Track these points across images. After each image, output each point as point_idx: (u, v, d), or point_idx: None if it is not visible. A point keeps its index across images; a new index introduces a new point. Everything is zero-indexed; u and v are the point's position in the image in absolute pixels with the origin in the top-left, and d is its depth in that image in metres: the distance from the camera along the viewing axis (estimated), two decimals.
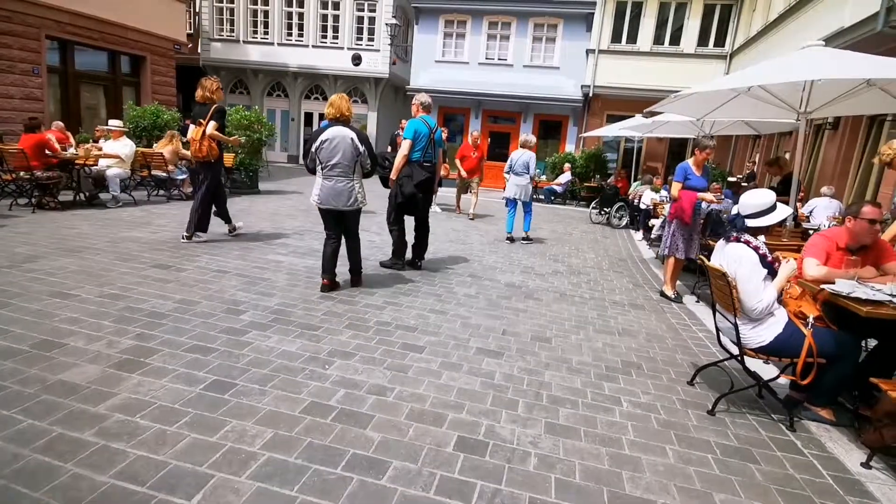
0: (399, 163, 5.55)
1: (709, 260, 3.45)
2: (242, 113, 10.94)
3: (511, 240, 8.56)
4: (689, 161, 5.83)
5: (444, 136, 9.91)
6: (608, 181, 15.92)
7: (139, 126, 11.13)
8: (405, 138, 5.54)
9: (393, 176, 5.62)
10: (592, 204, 12.22)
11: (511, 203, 8.60)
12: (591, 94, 16.29)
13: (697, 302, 5.89)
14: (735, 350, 3.30)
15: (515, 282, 5.97)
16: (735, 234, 3.24)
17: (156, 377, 2.91)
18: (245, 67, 21.13)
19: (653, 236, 8.60)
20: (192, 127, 6.09)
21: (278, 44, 20.71)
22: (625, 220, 11.76)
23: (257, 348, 3.43)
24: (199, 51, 21.26)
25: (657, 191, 10.29)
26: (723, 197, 7.44)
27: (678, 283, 6.16)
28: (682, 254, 5.83)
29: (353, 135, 4.54)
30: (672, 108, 7.59)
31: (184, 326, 3.65)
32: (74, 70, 13.13)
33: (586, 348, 4.09)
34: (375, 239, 7.54)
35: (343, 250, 4.96)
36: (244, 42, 20.92)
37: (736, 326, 3.13)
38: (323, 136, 4.49)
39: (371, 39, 20.27)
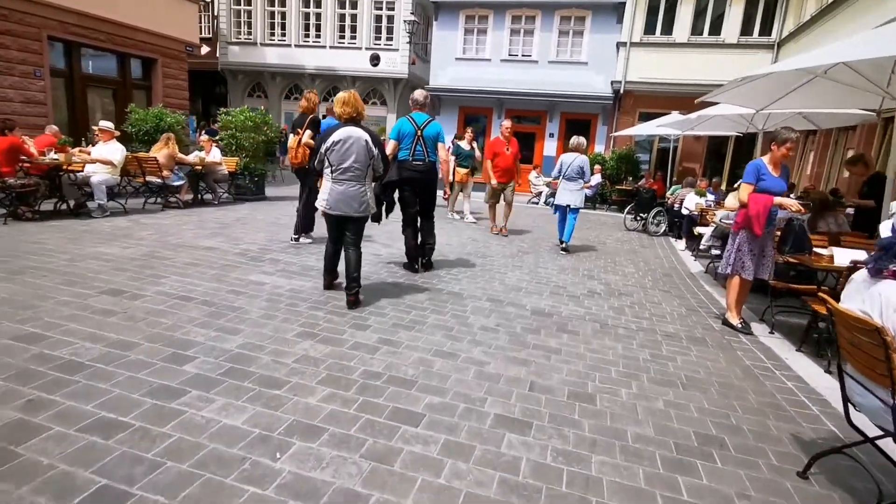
0: None
1: (834, 297, 2.33)
2: (248, 114, 10.10)
3: (566, 250, 7.85)
4: (764, 158, 4.65)
5: (469, 141, 9.11)
6: (640, 183, 14.68)
7: (141, 130, 10.39)
8: (389, 139, 5.35)
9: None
10: (627, 209, 11.00)
11: (560, 210, 7.91)
12: (622, 91, 15.04)
13: (772, 333, 4.70)
14: (875, 431, 2.19)
15: (544, 307, 4.89)
16: (894, 267, 2.11)
17: (15, 483, 1.95)
18: (263, 70, 20.51)
19: (702, 247, 7.38)
20: (291, 136, 6.37)
21: (295, 45, 20.03)
22: (663, 227, 10.52)
23: (187, 423, 2.44)
24: (217, 55, 20.75)
25: (702, 194, 9.04)
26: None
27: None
28: (751, 273, 4.65)
29: (368, 136, 4.15)
30: (730, 96, 6.43)
31: (100, 386, 2.69)
32: (81, 73, 12.54)
33: (644, 412, 2.99)
34: (382, 252, 6.55)
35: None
36: (261, 45, 20.30)
37: (895, 410, 2.00)
38: (335, 137, 4.08)
39: (390, 39, 19.40)
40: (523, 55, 16.33)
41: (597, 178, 14.49)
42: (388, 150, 5.12)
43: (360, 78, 19.91)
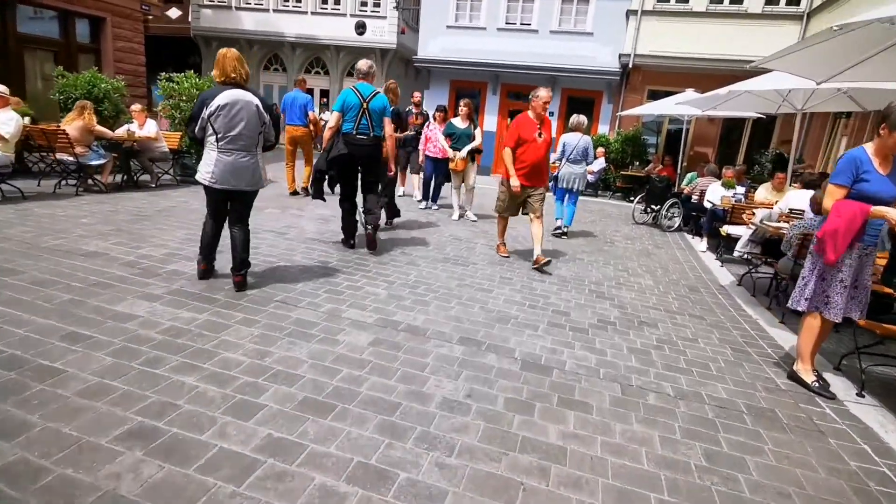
0: (326, 135, 5.02)
1: None
2: (194, 80, 8.45)
3: (564, 234, 7.41)
4: (867, 147, 3.12)
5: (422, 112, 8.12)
6: (648, 168, 13.13)
7: (70, 98, 8.73)
8: (333, 110, 5.04)
9: (323, 147, 5.07)
10: (636, 199, 9.48)
11: (560, 192, 7.42)
12: (630, 65, 13.37)
13: (861, 395, 3.26)
14: None
15: (540, 353, 3.41)
16: None
17: None
18: (238, 37, 18.57)
19: (736, 254, 5.89)
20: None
21: (273, 10, 18.13)
22: (677, 222, 9.03)
23: None
24: (189, 19, 18.83)
25: (730, 186, 7.52)
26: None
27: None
28: (839, 312, 3.20)
29: (258, 101, 3.68)
30: (790, 62, 4.87)
31: None
32: (16, 33, 10.80)
33: None
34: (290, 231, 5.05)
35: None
36: (236, 8, 18.38)
37: None
38: (220, 100, 3.53)
39: (377, 5, 17.53)
40: (522, 24, 14.57)
41: (600, 163, 12.92)
42: (332, 122, 4.93)
43: (344, 48, 18.08)
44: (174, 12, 19.37)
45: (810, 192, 6.46)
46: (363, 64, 5.11)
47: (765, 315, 4.79)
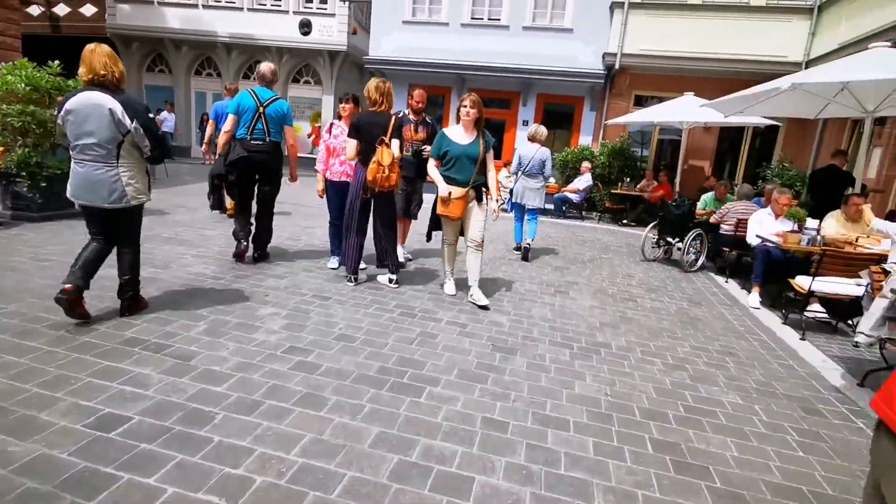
0: (221, 140, 4.62)
1: None
2: (29, 71, 5.73)
3: (520, 249, 6.65)
4: None
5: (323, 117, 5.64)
6: (640, 186, 10.99)
7: None
8: (228, 112, 4.64)
9: (218, 152, 4.74)
10: (648, 229, 7.19)
11: (518, 210, 6.71)
12: (616, 66, 11.24)
13: None
14: None
15: None
16: None
17: None
18: (163, 37, 15.74)
19: (862, 339, 3.53)
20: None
21: (203, 6, 15.38)
22: (702, 259, 6.79)
23: None
24: (105, 17, 15.87)
25: (796, 217, 5.30)
26: None
27: None
28: None
29: (115, 103, 3.01)
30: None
31: None
32: None
33: None
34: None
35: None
36: (159, 3, 15.51)
37: None
38: (69, 104, 3.03)
39: (323, 1, 15.02)
40: (490, 19, 12.30)
41: (586, 180, 10.70)
42: (227, 125, 4.57)
43: (288, 49, 15.47)
44: (89, 9, 16.33)
45: None
46: (266, 68, 4.74)
47: None
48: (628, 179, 11.20)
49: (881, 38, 6.82)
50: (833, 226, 5.30)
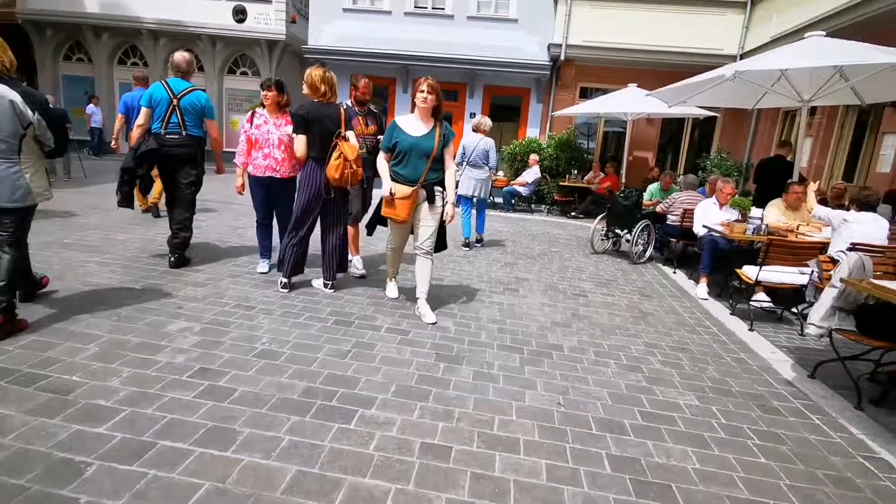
0: (134, 133, 4.35)
1: None
2: None
3: (468, 245, 6.48)
4: None
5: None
6: (587, 178, 10.97)
7: None
8: (141, 105, 4.31)
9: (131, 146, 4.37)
10: (597, 220, 7.06)
11: (466, 202, 6.45)
12: (562, 58, 11.14)
13: None
14: None
15: None
16: None
17: None
18: (81, 23, 14.37)
19: (813, 331, 3.42)
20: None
21: None
22: (650, 250, 6.73)
23: None
24: (15, 1, 14.32)
25: (741, 206, 5.26)
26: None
27: None
28: None
29: (14, 95, 2.81)
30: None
31: None
32: None
33: None
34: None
35: None
36: None
37: None
38: None
39: None
40: (434, 7, 11.92)
41: (534, 172, 10.55)
42: (140, 119, 4.26)
43: (220, 38, 14.49)
44: None
45: (873, 215, 4.29)
46: (180, 58, 4.44)
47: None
48: (576, 171, 11.15)
49: (810, 31, 6.97)
50: (774, 214, 5.30)
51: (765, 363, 3.62)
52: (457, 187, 6.57)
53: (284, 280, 4.08)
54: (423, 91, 3.55)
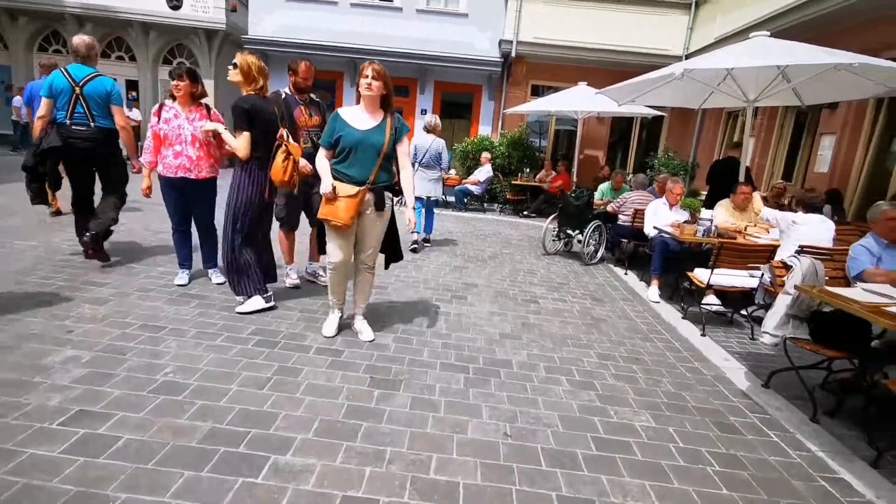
0: (36, 125, 4.01)
1: None
2: None
3: (427, 241, 6.41)
4: None
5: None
6: (539, 177, 10.84)
7: None
8: (41, 95, 4.04)
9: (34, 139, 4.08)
10: (549, 220, 6.86)
11: (419, 202, 6.14)
12: (513, 54, 10.94)
13: None
14: None
15: None
16: None
17: None
18: None
19: (766, 339, 3.27)
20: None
21: None
22: (601, 251, 6.59)
23: None
24: None
25: (692, 208, 5.16)
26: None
27: None
28: None
29: None
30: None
31: None
32: None
33: None
34: None
35: None
36: None
37: None
38: None
39: None
40: (382, 0, 11.45)
41: (486, 171, 10.31)
42: (41, 110, 3.95)
43: (154, 25, 13.46)
44: None
45: (819, 217, 4.24)
46: (79, 42, 4.07)
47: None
48: (528, 170, 11.00)
49: (754, 31, 7.02)
50: (723, 215, 5.23)
51: (719, 372, 3.47)
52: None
53: (242, 299, 3.58)
54: (367, 77, 2.99)
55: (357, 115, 3.11)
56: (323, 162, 3.12)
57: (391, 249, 3.48)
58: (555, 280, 5.49)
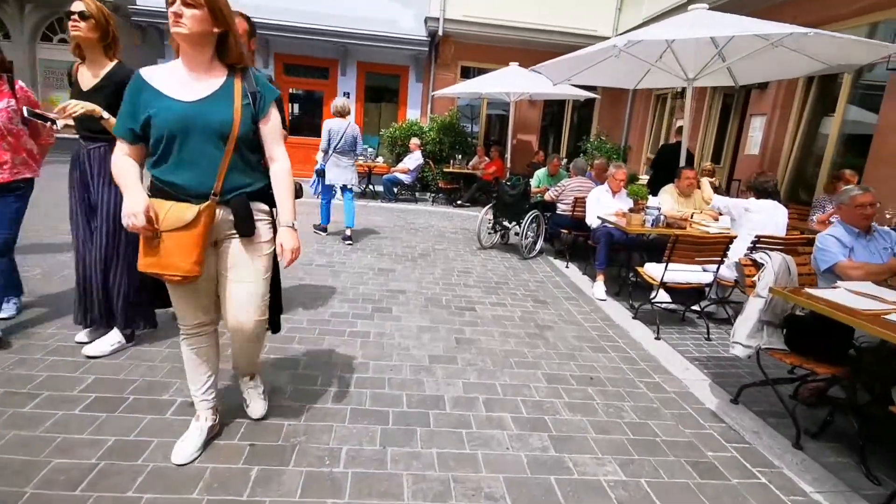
0: None
1: None
2: None
3: (324, 230, 5.97)
4: None
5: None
6: (472, 163, 10.21)
7: None
8: None
9: None
10: (484, 211, 6.21)
11: (327, 190, 5.80)
12: (440, 33, 10.15)
13: None
14: None
15: None
16: None
17: None
18: None
19: (742, 350, 2.78)
20: None
21: None
22: (540, 243, 6.05)
23: None
24: None
25: (639, 195, 4.67)
26: None
27: None
28: None
29: None
30: None
31: None
32: None
33: None
34: None
35: None
36: None
37: None
38: None
39: None
40: None
41: (416, 158, 9.52)
42: None
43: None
44: None
45: (773, 203, 3.85)
46: None
47: None
48: (460, 157, 10.31)
49: (680, 12, 6.68)
50: (668, 201, 4.80)
51: (682, 387, 2.96)
52: (320, 175, 5.55)
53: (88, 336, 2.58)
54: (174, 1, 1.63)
55: (176, 78, 1.75)
56: (126, 165, 1.76)
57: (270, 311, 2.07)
58: (492, 279, 4.85)
